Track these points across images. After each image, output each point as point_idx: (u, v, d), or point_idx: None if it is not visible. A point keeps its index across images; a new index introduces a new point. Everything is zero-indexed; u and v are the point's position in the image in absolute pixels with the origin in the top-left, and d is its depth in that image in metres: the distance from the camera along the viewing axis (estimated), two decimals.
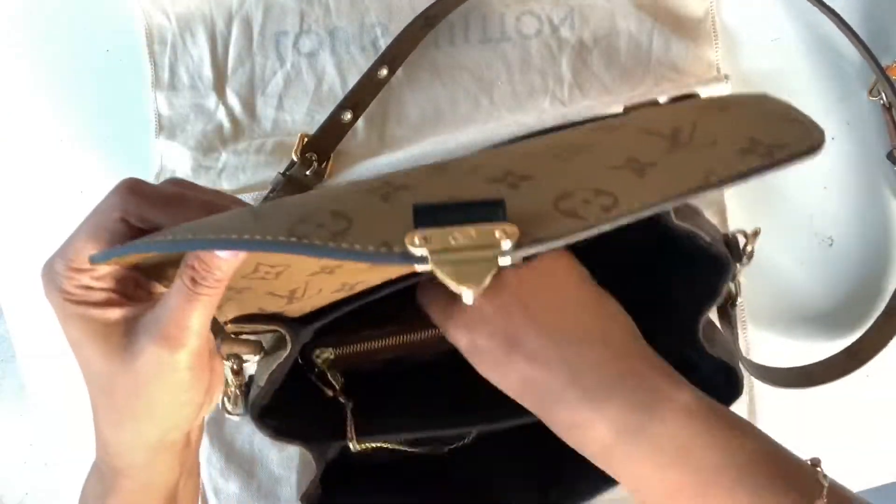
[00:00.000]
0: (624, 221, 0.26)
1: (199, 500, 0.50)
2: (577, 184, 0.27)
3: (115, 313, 0.30)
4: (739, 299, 0.41)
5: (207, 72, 0.51)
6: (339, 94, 0.51)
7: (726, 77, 0.52)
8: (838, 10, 0.51)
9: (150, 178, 0.50)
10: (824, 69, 0.54)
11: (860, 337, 0.52)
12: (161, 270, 0.32)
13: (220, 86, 0.51)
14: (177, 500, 0.36)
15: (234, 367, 0.38)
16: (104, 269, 0.30)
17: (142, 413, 0.31)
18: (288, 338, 0.37)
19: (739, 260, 0.39)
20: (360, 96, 0.51)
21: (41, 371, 0.51)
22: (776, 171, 0.27)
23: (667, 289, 0.42)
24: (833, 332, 0.53)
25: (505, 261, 0.25)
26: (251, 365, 0.39)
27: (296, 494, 0.51)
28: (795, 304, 0.53)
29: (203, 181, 0.50)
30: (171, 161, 0.51)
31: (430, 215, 0.25)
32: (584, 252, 0.43)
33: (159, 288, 0.32)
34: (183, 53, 0.51)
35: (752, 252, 0.40)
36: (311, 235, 0.25)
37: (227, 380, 0.38)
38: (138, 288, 0.32)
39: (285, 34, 0.52)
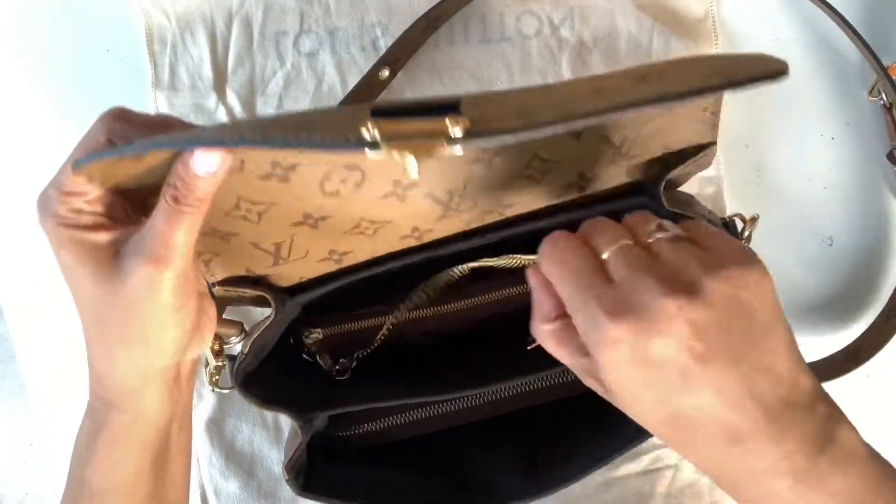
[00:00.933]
0: (576, 125, 0.27)
1: (199, 497, 0.50)
2: (539, 104, 0.28)
3: (104, 236, 0.32)
4: None
5: (207, 72, 0.51)
6: (340, 94, 0.51)
7: None
8: (838, 10, 0.51)
9: None
10: (824, 69, 0.54)
11: (858, 337, 0.52)
12: (146, 200, 0.33)
13: (220, 86, 0.51)
14: (169, 451, 0.37)
15: (216, 347, 0.38)
16: (95, 193, 0.31)
17: (131, 336, 0.32)
18: (272, 302, 0.38)
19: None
20: (361, 97, 0.51)
21: (41, 371, 0.51)
22: (735, 90, 0.29)
23: None
24: (833, 331, 0.53)
25: (456, 148, 0.25)
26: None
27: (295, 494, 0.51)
28: (795, 304, 0.53)
29: None
30: None
31: (386, 110, 0.26)
32: None
33: (145, 220, 0.33)
34: (183, 53, 0.51)
35: (749, 236, 0.40)
36: (275, 132, 0.27)
37: (207, 361, 0.39)
38: (126, 215, 0.33)
39: (285, 34, 0.52)
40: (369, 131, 0.25)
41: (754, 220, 0.39)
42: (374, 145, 0.25)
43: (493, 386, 0.45)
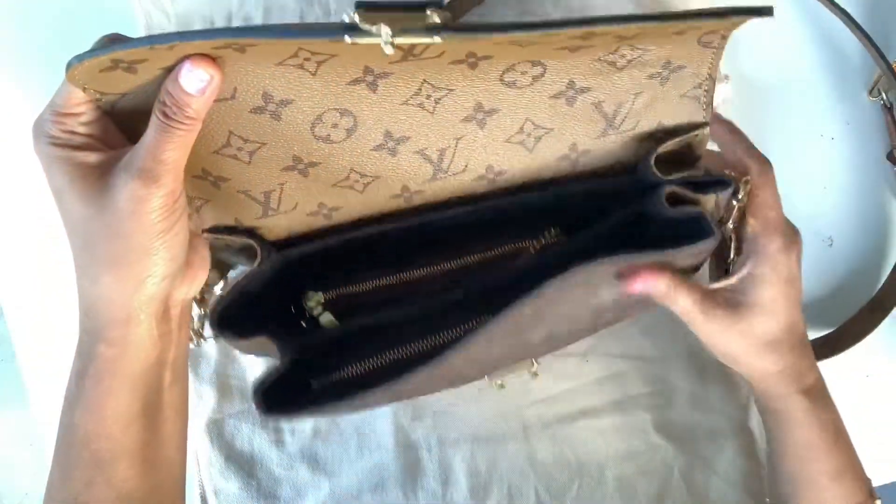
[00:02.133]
0: (554, 31, 0.30)
1: (199, 497, 0.50)
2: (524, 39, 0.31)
3: (95, 156, 0.32)
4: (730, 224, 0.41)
5: None
6: None
7: (727, 77, 0.52)
8: (844, 9, 0.51)
9: None
10: (824, 69, 0.54)
11: (840, 326, 0.52)
12: (137, 129, 0.33)
13: None
14: (161, 403, 0.36)
15: (198, 295, 0.38)
16: (89, 115, 0.32)
17: (118, 256, 0.32)
18: (258, 249, 0.39)
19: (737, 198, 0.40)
20: None
21: (41, 371, 0.51)
22: (720, 21, 0.33)
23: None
24: (832, 330, 0.53)
25: (435, 37, 0.28)
26: None
27: (295, 494, 0.51)
28: None
29: None
30: None
31: (370, 4, 0.27)
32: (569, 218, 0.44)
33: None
34: None
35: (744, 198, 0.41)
36: (269, 27, 0.28)
37: (192, 317, 0.39)
38: (119, 142, 0.34)
39: None
40: (350, 17, 0.27)
41: (747, 181, 0.41)
42: (353, 28, 0.27)
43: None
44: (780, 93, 0.52)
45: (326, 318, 0.45)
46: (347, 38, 0.27)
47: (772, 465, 0.44)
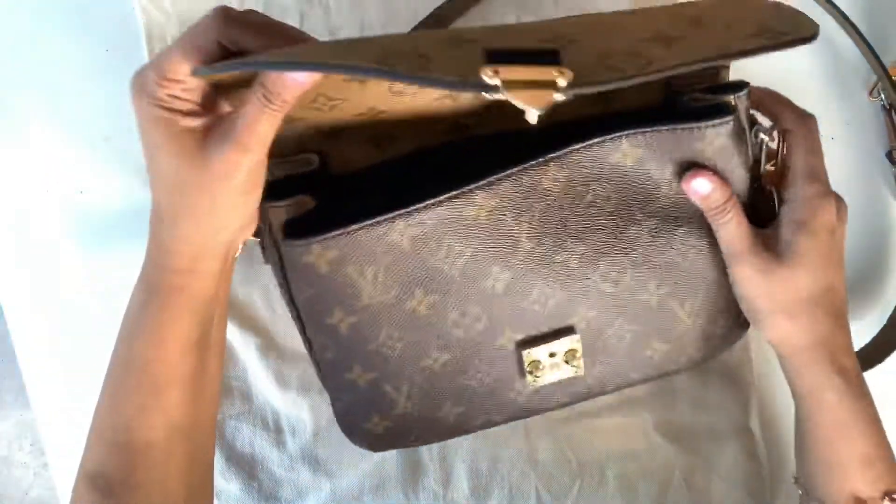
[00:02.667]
0: (657, 77, 0.32)
1: None
2: (616, 48, 0.33)
3: (195, 122, 0.35)
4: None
5: None
6: None
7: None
8: (841, 10, 0.51)
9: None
10: (824, 69, 0.54)
11: (868, 344, 0.51)
12: (234, 91, 0.36)
13: None
14: (210, 338, 0.40)
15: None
16: (194, 82, 0.34)
17: (203, 209, 0.36)
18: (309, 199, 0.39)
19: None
20: None
21: (41, 371, 0.51)
22: (777, 51, 0.34)
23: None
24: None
25: (559, 96, 0.29)
26: None
27: (296, 495, 0.51)
28: None
29: None
30: None
31: (497, 56, 0.30)
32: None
33: (227, 107, 0.37)
34: None
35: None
36: (396, 65, 0.30)
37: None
38: (216, 103, 0.36)
39: None
40: (489, 77, 0.29)
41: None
42: (494, 89, 0.29)
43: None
44: (779, 92, 0.52)
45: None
46: (487, 96, 0.29)
47: (800, 444, 0.44)
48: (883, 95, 0.52)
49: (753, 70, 0.53)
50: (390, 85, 0.37)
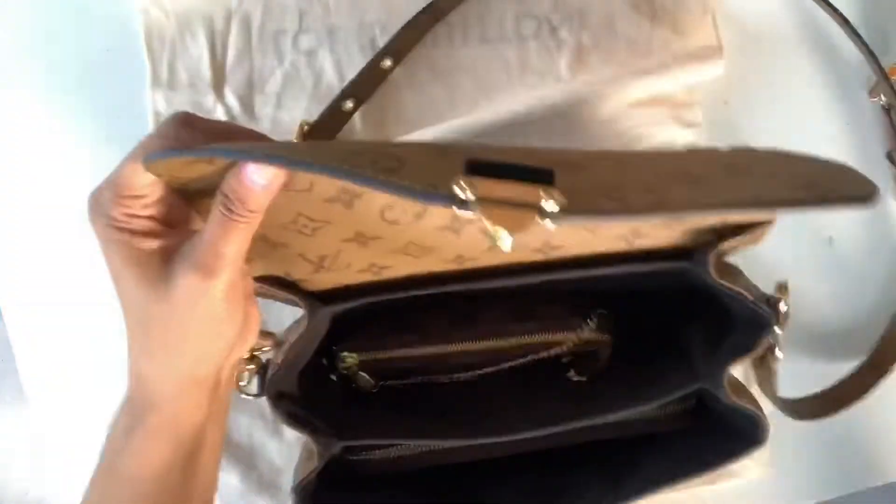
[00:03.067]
0: (664, 218, 0.27)
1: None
2: (628, 180, 0.28)
3: (154, 243, 0.31)
4: (779, 352, 0.40)
5: (206, 70, 0.51)
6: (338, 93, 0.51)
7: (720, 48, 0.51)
8: (839, 10, 0.51)
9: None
10: (824, 69, 0.54)
11: (876, 347, 0.51)
12: (201, 202, 0.33)
13: (218, 84, 0.51)
14: (202, 446, 0.37)
15: (247, 355, 0.38)
16: (155, 195, 0.31)
17: (174, 343, 0.32)
18: (305, 311, 0.38)
19: (778, 323, 0.38)
20: (363, 86, 0.51)
21: (41, 371, 0.51)
22: (823, 209, 0.28)
23: (692, 336, 0.43)
24: (832, 331, 0.53)
25: (547, 222, 0.25)
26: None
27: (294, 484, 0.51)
28: (794, 304, 0.53)
29: None
30: None
31: (479, 167, 0.25)
32: (614, 296, 0.43)
33: (198, 223, 0.34)
34: (182, 52, 0.51)
35: (787, 312, 0.39)
36: (363, 166, 0.26)
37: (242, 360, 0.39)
38: (179, 218, 0.33)
39: (284, 33, 0.52)
40: (462, 190, 0.25)
41: (785, 288, 0.39)
42: (464, 204, 0.25)
43: (512, 436, 0.43)
44: (780, 93, 0.52)
45: (364, 380, 0.45)
46: (458, 211, 0.25)
47: None
48: (882, 96, 0.52)
49: (753, 70, 0.53)
50: (382, 211, 0.34)
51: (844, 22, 0.51)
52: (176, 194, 0.32)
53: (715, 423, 0.42)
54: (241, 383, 0.40)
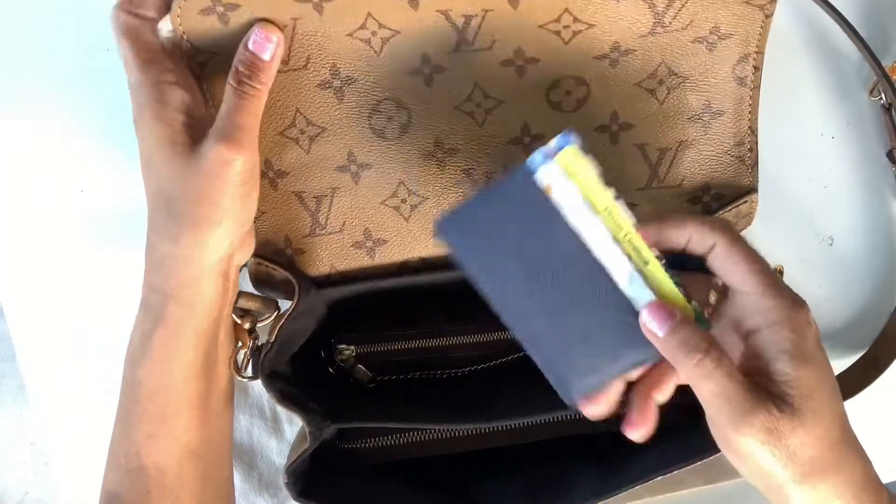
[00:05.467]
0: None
1: None
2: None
3: (186, 122, 0.35)
4: None
5: None
6: None
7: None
8: (839, 10, 0.51)
9: None
10: (824, 69, 0.54)
11: (874, 343, 0.51)
12: (215, 87, 0.37)
13: None
14: (217, 357, 0.39)
15: (247, 325, 0.40)
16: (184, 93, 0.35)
17: (202, 218, 0.35)
18: (297, 287, 0.39)
19: None
20: None
21: (41, 371, 0.51)
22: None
23: None
24: (833, 331, 0.53)
25: None
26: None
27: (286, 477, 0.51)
28: None
29: None
30: None
31: None
32: None
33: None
34: None
35: None
36: None
37: (240, 342, 0.41)
38: (204, 113, 0.37)
39: None
40: None
41: (780, 273, 0.39)
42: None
43: (505, 421, 0.44)
44: (780, 92, 0.52)
45: (361, 373, 0.46)
46: None
47: None
48: (882, 95, 0.52)
49: None
50: (369, 114, 0.37)
51: (844, 22, 0.51)
52: (199, 86, 0.36)
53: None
54: (246, 361, 0.41)
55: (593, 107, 0.36)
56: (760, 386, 0.32)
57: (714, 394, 0.31)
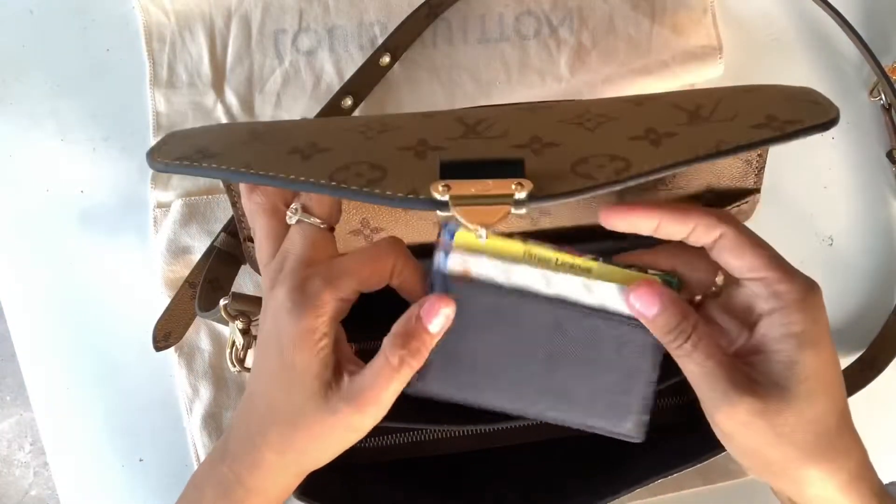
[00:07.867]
0: (632, 183, 0.29)
1: None
2: (597, 150, 0.30)
3: (332, 356, 0.33)
4: None
5: (206, 70, 0.51)
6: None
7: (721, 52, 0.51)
8: (839, 10, 0.51)
9: (149, 176, 0.51)
10: (824, 69, 0.54)
11: (872, 344, 0.51)
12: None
13: (218, 84, 0.51)
14: None
15: (242, 325, 0.39)
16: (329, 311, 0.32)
17: (311, 450, 0.34)
18: None
19: None
20: (362, 82, 0.51)
21: (41, 371, 0.51)
22: (786, 142, 0.30)
23: None
24: (832, 331, 0.53)
25: (519, 209, 0.28)
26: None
27: None
28: None
29: None
30: None
31: (454, 169, 0.28)
32: None
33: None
34: (182, 51, 0.51)
35: None
36: (349, 181, 0.29)
37: (234, 340, 0.40)
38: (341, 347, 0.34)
39: (284, 32, 0.52)
40: (440, 193, 0.27)
41: None
42: (443, 206, 0.27)
43: (501, 423, 0.44)
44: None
45: None
46: (439, 213, 0.28)
47: None
48: (882, 95, 0.52)
49: (753, 70, 0.53)
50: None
51: (844, 22, 0.51)
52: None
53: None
54: (242, 355, 0.41)
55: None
56: (754, 366, 0.32)
57: (694, 374, 0.32)
